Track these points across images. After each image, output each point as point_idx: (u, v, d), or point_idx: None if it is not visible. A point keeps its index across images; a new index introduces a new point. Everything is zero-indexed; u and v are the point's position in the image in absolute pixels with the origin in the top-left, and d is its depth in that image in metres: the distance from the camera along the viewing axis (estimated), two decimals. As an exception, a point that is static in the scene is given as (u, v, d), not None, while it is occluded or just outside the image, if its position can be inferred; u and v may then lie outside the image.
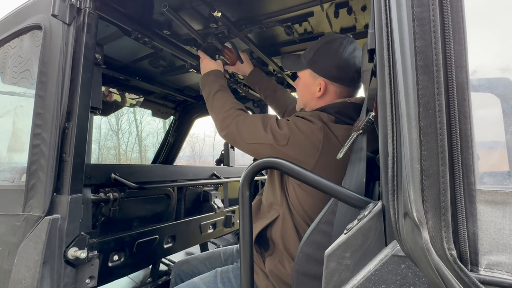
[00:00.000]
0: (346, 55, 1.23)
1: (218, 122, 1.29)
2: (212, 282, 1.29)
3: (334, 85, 1.26)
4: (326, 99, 1.29)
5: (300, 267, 0.89)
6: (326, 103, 1.28)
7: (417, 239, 0.50)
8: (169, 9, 1.31)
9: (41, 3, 1.18)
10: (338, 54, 1.23)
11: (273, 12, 1.47)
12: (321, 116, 1.18)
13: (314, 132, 1.12)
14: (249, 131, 1.18)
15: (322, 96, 1.29)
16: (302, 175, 0.76)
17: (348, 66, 1.23)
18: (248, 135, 1.18)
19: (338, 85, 1.26)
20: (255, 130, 1.17)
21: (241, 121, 1.22)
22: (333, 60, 1.23)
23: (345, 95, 1.28)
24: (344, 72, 1.24)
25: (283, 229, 1.18)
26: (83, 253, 1.01)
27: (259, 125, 1.17)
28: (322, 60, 1.26)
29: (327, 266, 0.64)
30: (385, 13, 0.60)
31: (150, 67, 2.08)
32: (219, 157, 2.85)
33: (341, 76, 1.24)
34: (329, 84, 1.27)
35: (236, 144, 1.24)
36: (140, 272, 2.29)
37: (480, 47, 0.56)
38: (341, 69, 1.23)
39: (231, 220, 2.22)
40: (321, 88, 1.27)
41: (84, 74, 1.09)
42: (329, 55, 1.24)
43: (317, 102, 1.31)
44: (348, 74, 1.24)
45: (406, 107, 0.53)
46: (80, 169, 1.07)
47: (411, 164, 0.52)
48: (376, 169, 0.76)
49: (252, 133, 1.17)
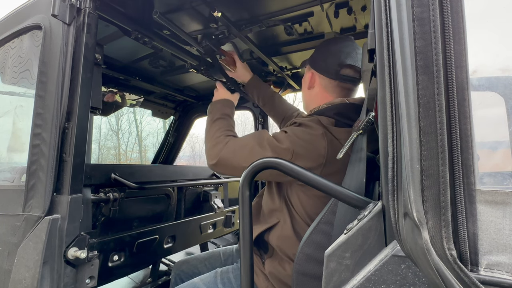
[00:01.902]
0: (333, 50, 1.29)
1: (208, 150, 1.20)
2: (212, 283, 1.29)
3: (320, 77, 1.31)
4: (315, 91, 1.33)
5: (300, 267, 0.89)
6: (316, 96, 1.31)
7: (417, 239, 0.50)
8: (160, 15, 1.32)
9: (41, 3, 1.18)
10: (327, 48, 1.31)
11: (273, 12, 1.47)
12: (320, 120, 1.15)
13: (317, 139, 1.09)
14: (245, 154, 1.09)
15: (311, 88, 1.34)
16: (302, 175, 0.76)
17: (333, 59, 1.27)
18: (244, 158, 1.09)
19: (323, 77, 1.30)
20: (251, 151, 1.09)
21: (233, 145, 1.14)
22: (322, 53, 1.32)
23: (331, 89, 1.29)
24: (328, 64, 1.28)
25: (281, 234, 1.17)
26: (83, 253, 1.01)
27: (254, 146, 1.10)
28: (316, 53, 1.35)
29: (327, 266, 0.64)
30: (385, 13, 0.60)
31: (150, 67, 2.08)
32: (219, 157, 2.84)
33: (324, 67, 1.29)
34: (316, 76, 1.32)
35: (233, 171, 1.13)
36: (140, 272, 2.29)
37: (480, 47, 0.56)
38: (325, 61, 1.29)
39: (231, 220, 2.22)
40: (309, 79, 1.33)
41: (84, 74, 1.09)
42: (321, 50, 1.33)
43: (309, 96, 1.35)
44: (332, 66, 1.27)
45: (406, 107, 0.53)
46: (80, 169, 1.07)
47: (411, 164, 0.52)
48: (376, 169, 0.76)
49: (248, 156, 1.08)
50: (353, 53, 1.27)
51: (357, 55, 1.28)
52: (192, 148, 19.38)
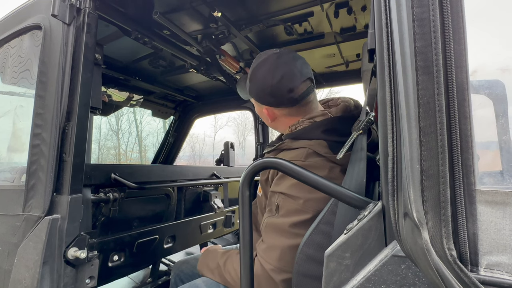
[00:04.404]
0: (275, 81, 1.13)
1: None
2: (214, 284, 1.29)
3: (277, 109, 1.21)
4: (280, 120, 1.24)
5: (300, 267, 0.89)
6: (284, 123, 1.23)
7: (417, 239, 0.50)
8: (160, 15, 1.32)
9: (41, 3, 1.18)
10: (266, 82, 1.15)
11: (273, 12, 1.47)
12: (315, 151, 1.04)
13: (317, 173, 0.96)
14: (276, 254, 0.99)
15: (274, 120, 1.25)
16: (302, 175, 0.76)
17: (278, 90, 1.14)
18: (277, 257, 0.99)
19: (280, 109, 1.20)
20: (276, 246, 0.99)
21: (259, 263, 1.02)
22: (264, 89, 1.16)
23: (295, 113, 1.19)
24: (277, 97, 1.16)
25: None
26: (83, 253, 1.01)
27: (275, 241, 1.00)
28: (255, 90, 1.21)
29: (327, 266, 0.64)
30: (385, 13, 0.60)
31: (150, 67, 2.09)
32: (219, 157, 2.85)
33: (275, 102, 1.18)
34: (273, 110, 1.22)
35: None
36: (140, 272, 2.29)
37: (480, 47, 0.56)
38: (273, 95, 1.16)
39: (231, 220, 2.22)
40: (268, 115, 1.23)
41: (84, 74, 1.09)
42: (259, 85, 1.18)
43: (276, 125, 1.28)
44: (283, 97, 1.15)
45: (406, 107, 0.53)
46: (80, 169, 1.07)
47: (411, 164, 0.52)
48: (376, 169, 0.76)
49: (280, 255, 0.98)
50: (293, 68, 1.14)
51: (297, 66, 1.14)
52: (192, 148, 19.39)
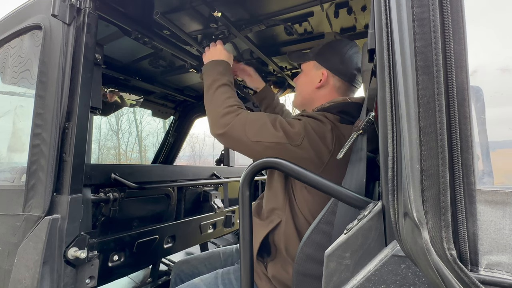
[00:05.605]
0: (350, 53, 1.30)
1: (217, 117, 1.15)
2: (213, 284, 1.29)
3: (335, 78, 1.30)
4: (324, 91, 1.31)
5: (300, 267, 0.89)
6: (324, 97, 1.30)
7: (417, 239, 0.50)
8: (160, 15, 1.32)
9: (41, 3, 1.18)
10: (344, 50, 1.30)
11: (273, 12, 1.47)
12: (327, 116, 1.17)
13: (326, 133, 1.11)
14: (256, 128, 1.08)
15: (321, 88, 1.31)
16: (302, 175, 0.76)
17: (351, 63, 1.29)
18: (254, 132, 1.07)
19: (338, 79, 1.30)
20: (262, 127, 1.08)
21: (244, 117, 1.11)
22: (339, 54, 1.30)
23: (342, 91, 1.31)
24: (347, 67, 1.29)
25: (286, 234, 1.15)
26: (83, 253, 1.01)
27: (266, 122, 1.09)
28: (328, 53, 1.32)
29: (327, 266, 0.64)
30: (385, 13, 0.60)
31: (150, 67, 2.08)
32: (219, 157, 2.85)
33: (343, 70, 1.29)
34: (330, 76, 1.30)
35: (238, 143, 1.11)
36: (140, 272, 2.29)
37: (480, 47, 0.56)
38: (344, 63, 1.28)
39: (231, 220, 2.22)
40: (322, 79, 1.30)
41: (84, 74, 1.09)
42: (336, 50, 1.31)
43: (315, 94, 1.33)
44: (350, 70, 1.29)
45: (406, 107, 0.53)
46: (80, 169, 1.07)
47: (411, 164, 0.52)
48: (376, 169, 0.76)
49: (259, 131, 1.07)
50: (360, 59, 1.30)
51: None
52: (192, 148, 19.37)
